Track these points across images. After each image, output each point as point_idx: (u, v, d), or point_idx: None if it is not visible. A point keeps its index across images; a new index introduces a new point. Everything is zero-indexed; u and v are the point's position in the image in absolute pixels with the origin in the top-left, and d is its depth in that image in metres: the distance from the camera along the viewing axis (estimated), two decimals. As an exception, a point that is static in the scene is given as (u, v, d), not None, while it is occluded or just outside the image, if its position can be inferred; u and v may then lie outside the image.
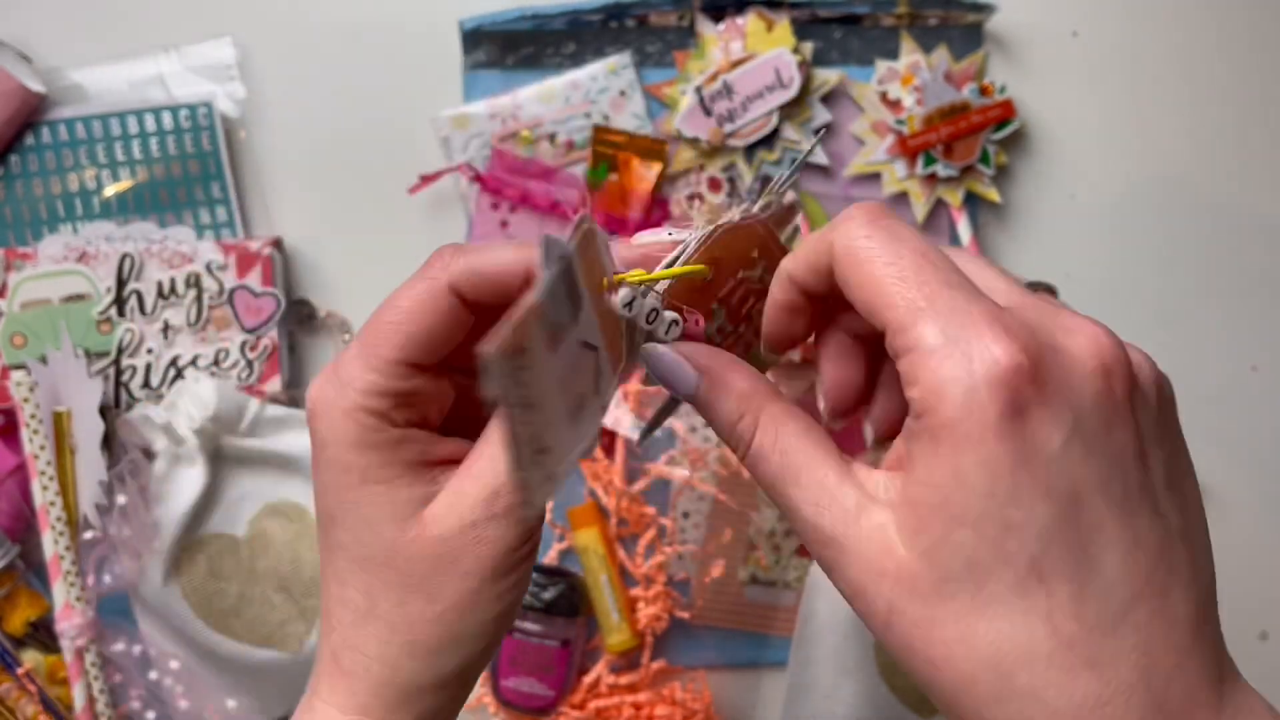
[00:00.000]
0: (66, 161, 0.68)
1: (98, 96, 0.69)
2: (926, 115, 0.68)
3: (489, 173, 0.68)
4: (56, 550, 0.65)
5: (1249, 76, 0.71)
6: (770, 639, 0.70)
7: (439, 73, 0.70)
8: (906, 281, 0.26)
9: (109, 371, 0.67)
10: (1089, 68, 0.71)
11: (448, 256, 0.31)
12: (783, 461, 0.28)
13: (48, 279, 0.67)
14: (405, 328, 0.30)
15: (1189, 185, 0.72)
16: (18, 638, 0.67)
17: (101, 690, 0.67)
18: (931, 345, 0.25)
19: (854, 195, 0.70)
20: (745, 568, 0.69)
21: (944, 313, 0.25)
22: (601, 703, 0.69)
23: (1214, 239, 0.71)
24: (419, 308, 0.30)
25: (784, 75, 0.67)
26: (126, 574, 0.66)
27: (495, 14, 0.68)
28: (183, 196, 0.69)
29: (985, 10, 0.69)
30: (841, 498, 0.27)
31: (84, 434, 0.66)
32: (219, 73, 0.70)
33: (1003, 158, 0.69)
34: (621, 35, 0.69)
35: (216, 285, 0.67)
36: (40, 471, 0.65)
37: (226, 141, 0.69)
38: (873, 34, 0.69)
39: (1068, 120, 0.71)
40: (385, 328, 0.31)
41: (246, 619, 0.66)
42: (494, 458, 0.31)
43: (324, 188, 0.70)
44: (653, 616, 0.69)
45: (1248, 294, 0.72)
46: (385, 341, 0.30)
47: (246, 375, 0.68)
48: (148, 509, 0.65)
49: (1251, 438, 0.70)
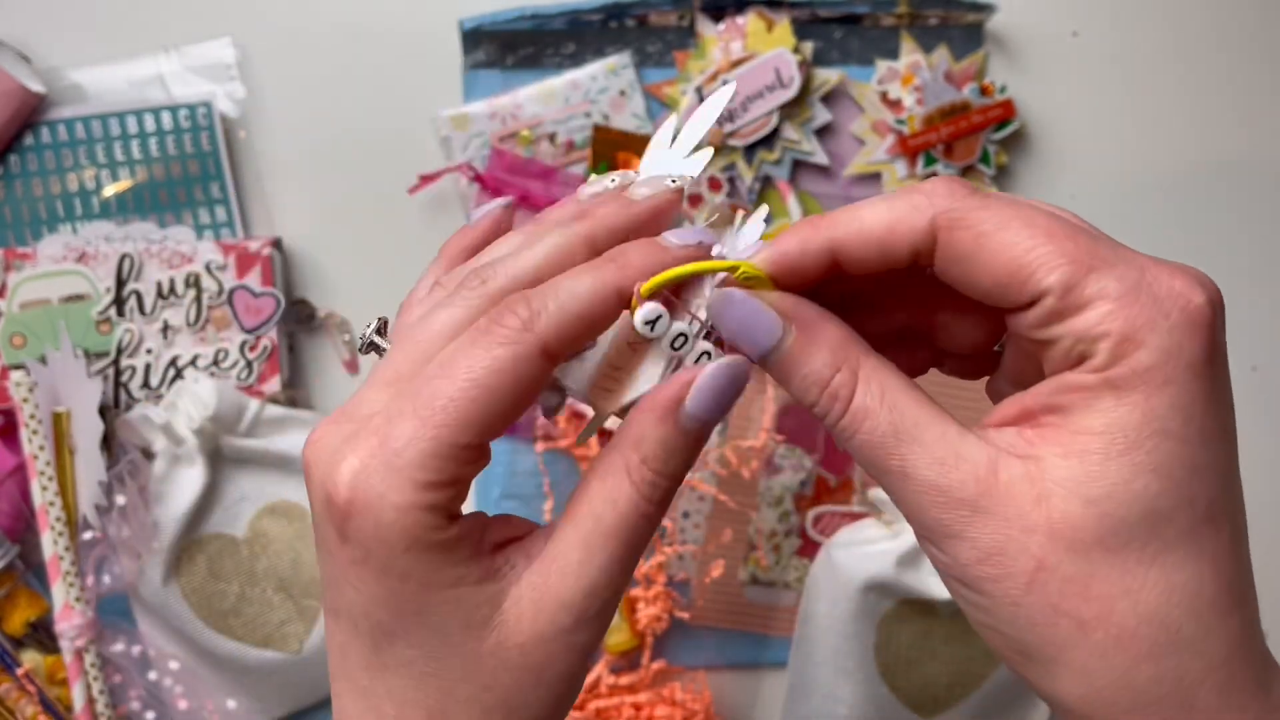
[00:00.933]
0: (66, 161, 0.68)
1: (97, 96, 0.69)
2: (927, 115, 0.68)
3: (489, 173, 0.68)
4: (56, 550, 0.65)
5: (1249, 76, 0.71)
6: (770, 639, 0.70)
7: (439, 73, 0.70)
8: (1058, 239, 0.24)
9: (108, 372, 0.67)
10: (1089, 68, 0.71)
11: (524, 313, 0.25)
12: (894, 418, 0.25)
13: (47, 279, 0.67)
14: (484, 406, 0.25)
15: (1189, 185, 0.72)
16: (17, 638, 0.67)
17: (101, 691, 0.66)
18: (1118, 293, 0.23)
19: (854, 195, 0.70)
20: (745, 568, 0.69)
21: (1115, 262, 0.24)
22: (601, 703, 0.69)
23: (1214, 238, 0.71)
24: (502, 380, 0.25)
25: (784, 75, 0.67)
26: (126, 574, 0.66)
27: (495, 14, 0.68)
28: (182, 197, 0.69)
29: (985, 10, 0.69)
30: (970, 452, 0.24)
31: (83, 434, 0.66)
32: (219, 73, 0.70)
33: (1003, 158, 0.69)
34: (621, 35, 0.69)
35: (216, 285, 0.67)
36: (39, 472, 0.65)
37: (226, 141, 0.69)
38: (873, 34, 0.69)
39: (1068, 120, 0.71)
40: (459, 405, 0.25)
41: (246, 619, 0.66)
42: (591, 550, 0.26)
43: (324, 188, 0.70)
44: (653, 617, 0.69)
45: (1248, 294, 0.72)
46: (459, 422, 0.25)
47: (246, 375, 0.68)
48: (147, 509, 0.65)
49: (1252, 438, 0.70)
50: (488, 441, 0.26)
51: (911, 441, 0.25)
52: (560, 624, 0.26)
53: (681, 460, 0.27)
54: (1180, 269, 0.24)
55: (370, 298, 0.70)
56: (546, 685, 0.27)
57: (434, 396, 0.25)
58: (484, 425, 0.25)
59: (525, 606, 0.26)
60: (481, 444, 0.26)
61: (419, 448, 0.25)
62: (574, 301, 0.26)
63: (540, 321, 0.25)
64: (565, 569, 0.26)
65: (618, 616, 0.68)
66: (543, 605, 0.26)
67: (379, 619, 0.26)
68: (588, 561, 0.26)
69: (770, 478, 0.69)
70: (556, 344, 0.26)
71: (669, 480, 0.27)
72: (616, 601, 0.27)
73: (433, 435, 0.25)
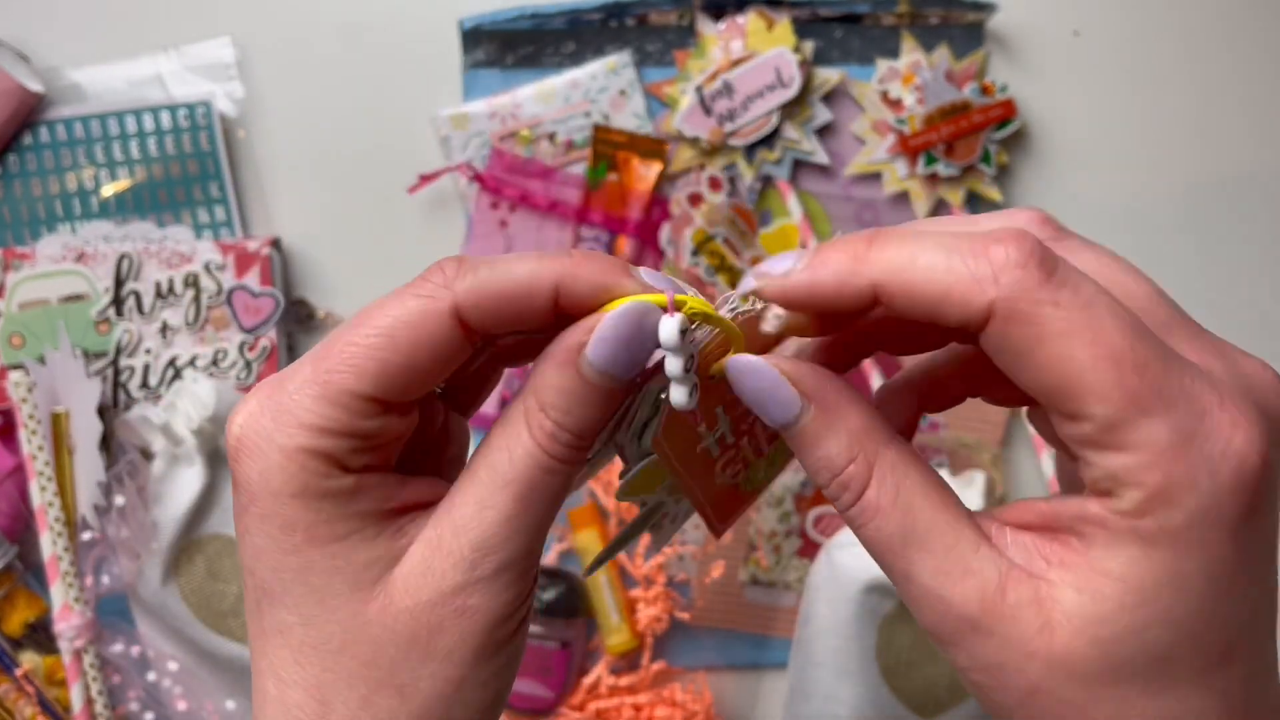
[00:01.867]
0: (65, 161, 0.68)
1: (96, 96, 0.69)
2: (927, 114, 0.68)
3: (488, 172, 0.68)
4: (55, 551, 0.65)
5: (1251, 75, 0.71)
6: (770, 640, 0.70)
7: (438, 72, 0.70)
8: (1123, 366, 0.21)
9: (107, 372, 0.67)
10: (1090, 67, 0.71)
11: (450, 272, 0.25)
12: (905, 520, 0.24)
13: (46, 279, 0.67)
14: (383, 355, 0.24)
15: (1190, 184, 0.71)
16: (16, 639, 0.67)
17: (100, 691, 0.66)
18: (1164, 445, 0.21)
19: (854, 195, 0.69)
20: (745, 568, 0.69)
21: (1176, 402, 0.21)
22: (601, 704, 0.69)
23: (1216, 238, 0.71)
24: (407, 333, 0.24)
25: (784, 74, 0.67)
26: (125, 575, 0.66)
27: (495, 13, 0.68)
28: (181, 196, 0.69)
29: (986, 9, 0.69)
30: (980, 567, 0.23)
31: (82, 434, 0.66)
32: (218, 72, 0.69)
33: (1004, 157, 0.69)
34: (621, 34, 0.69)
35: (215, 285, 0.67)
36: (38, 472, 0.65)
37: (225, 141, 0.69)
38: (873, 33, 0.69)
39: (1069, 120, 0.71)
40: (355, 352, 0.24)
41: (245, 620, 0.66)
42: (483, 504, 0.25)
43: (323, 187, 0.70)
44: (653, 617, 0.68)
45: (1250, 294, 0.71)
46: (353, 369, 0.24)
47: (245, 375, 0.67)
48: (146, 510, 0.65)
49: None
50: (392, 398, 0.24)
51: (919, 548, 0.23)
52: (449, 582, 0.24)
53: (586, 413, 0.25)
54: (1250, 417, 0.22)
55: (370, 298, 0.69)
56: (440, 660, 0.24)
57: (335, 344, 0.24)
58: (380, 375, 0.24)
59: (415, 565, 0.25)
60: (380, 398, 0.24)
61: (309, 392, 0.24)
62: (504, 276, 0.24)
63: (462, 283, 0.24)
64: (458, 523, 0.25)
65: (617, 616, 0.68)
66: (432, 564, 0.24)
67: (261, 577, 0.25)
68: (478, 515, 0.25)
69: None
70: (470, 307, 0.24)
71: (571, 434, 0.25)
72: (523, 565, 0.25)
73: (324, 380, 0.24)
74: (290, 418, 0.24)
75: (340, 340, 0.24)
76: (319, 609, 0.24)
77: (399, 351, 0.24)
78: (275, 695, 0.25)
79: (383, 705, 0.24)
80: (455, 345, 0.25)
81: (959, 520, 0.24)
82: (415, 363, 0.24)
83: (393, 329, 0.24)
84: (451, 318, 0.24)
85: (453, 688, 0.25)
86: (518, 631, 0.26)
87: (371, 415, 0.24)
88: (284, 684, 0.25)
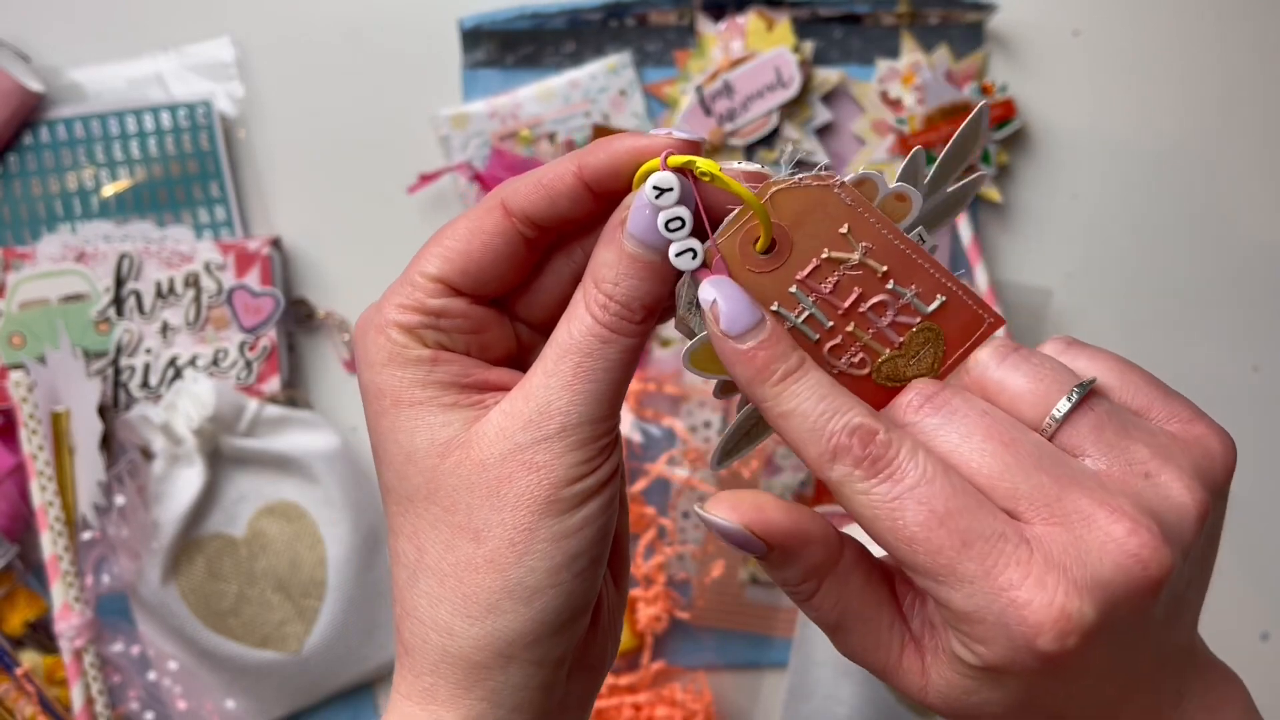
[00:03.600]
0: (65, 161, 0.68)
1: (96, 96, 0.69)
2: (927, 114, 0.68)
3: (488, 172, 0.68)
4: (55, 551, 0.65)
5: (1251, 75, 0.71)
6: (771, 640, 0.70)
7: (438, 72, 0.70)
8: (913, 546, 0.26)
9: (107, 372, 0.67)
10: (1090, 67, 0.71)
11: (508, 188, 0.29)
12: (838, 615, 0.29)
13: (46, 279, 0.67)
14: (448, 244, 0.29)
15: (1190, 184, 0.71)
16: (16, 638, 0.67)
17: (100, 691, 0.66)
18: (963, 612, 0.25)
19: (854, 195, 0.70)
20: (745, 568, 0.69)
21: (968, 577, 0.25)
22: (601, 703, 0.69)
23: (1216, 238, 0.71)
24: (464, 223, 0.29)
25: (784, 74, 0.67)
26: (125, 574, 0.66)
27: (495, 13, 0.68)
28: (181, 196, 0.69)
29: (986, 9, 0.69)
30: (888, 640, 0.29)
31: (82, 434, 0.66)
32: (218, 72, 0.69)
33: (1004, 157, 0.69)
34: (621, 34, 0.69)
35: (215, 285, 0.67)
36: (39, 472, 0.65)
37: (225, 141, 0.69)
38: (873, 33, 0.69)
39: (1069, 120, 0.71)
40: (428, 248, 0.29)
41: (245, 619, 0.66)
42: (549, 373, 0.28)
43: (323, 187, 0.70)
44: (653, 617, 0.68)
45: (1250, 294, 0.71)
46: (424, 258, 0.29)
47: (245, 375, 0.68)
48: (146, 509, 0.65)
49: (1253, 438, 0.70)
50: (453, 280, 0.29)
51: (847, 631, 0.29)
52: (517, 440, 0.28)
53: (633, 284, 0.28)
54: (1056, 577, 0.25)
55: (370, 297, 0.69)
56: (510, 508, 0.27)
57: (425, 247, 0.30)
58: (444, 259, 0.29)
59: (490, 428, 0.28)
60: (444, 279, 0.29)
61: (399, 283, 0.29)
62: (538, 173, 0.29)
63: (507, 188, 0.29)
64: (527, 391, 0.28)
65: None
66: (504, 426, 0.28)
67: (373, 444, 0.29)
68: (544, 383, 0.28)
69: (770, 477, 0.69)
70: (511, 194, 0.29)
71: (620, 305, 0.28)
72: (587, 431, 0.28)
73: (410, 270, 0.29)
74: (385, 303, 0.29)
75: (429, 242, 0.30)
76: (407, 464, 0.28)
77: (458, 239, 0.29)
78: (392, 546, 0.29)
79: (463, 549, 0.28)
80: (505, 235, 0.29)
81: (881, 611, 0.29)
82: (471, 249, 0.29)
83: (454, 226, 0.29)
84: (498, 209, 0.29)
85: (523, 535, 0.28)
86: (592, 496, 0.28)
87: (438, 295, 0.29)
88: (396, 535, 0.29)
